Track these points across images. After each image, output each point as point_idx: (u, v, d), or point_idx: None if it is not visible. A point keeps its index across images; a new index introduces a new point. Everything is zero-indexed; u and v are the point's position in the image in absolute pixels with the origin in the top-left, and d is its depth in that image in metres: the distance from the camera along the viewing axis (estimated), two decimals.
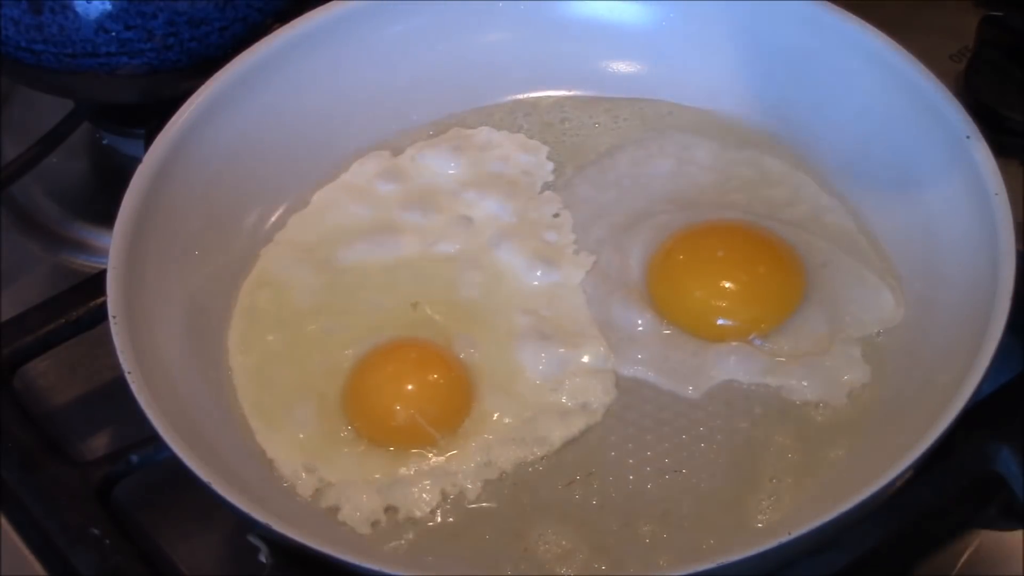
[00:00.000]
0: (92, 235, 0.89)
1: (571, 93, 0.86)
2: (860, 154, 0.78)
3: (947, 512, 0.68)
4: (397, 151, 0.84)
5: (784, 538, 0.58)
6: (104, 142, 0.95)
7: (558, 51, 0.86)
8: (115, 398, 0.66)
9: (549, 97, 0.86)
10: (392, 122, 0.85)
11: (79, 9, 0.81)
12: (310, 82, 0.82)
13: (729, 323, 0.72)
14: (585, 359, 0.73)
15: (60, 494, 0.70)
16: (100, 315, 0.70)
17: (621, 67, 0.86)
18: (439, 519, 0.67)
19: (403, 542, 0.66)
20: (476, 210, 0.80)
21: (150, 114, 0.80)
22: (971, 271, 0.68)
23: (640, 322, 0.73)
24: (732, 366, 0.71)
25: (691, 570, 0.57)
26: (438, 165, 0.82)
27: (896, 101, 0.75)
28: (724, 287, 0.73)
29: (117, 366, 0.65)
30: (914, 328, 0.71)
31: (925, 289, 0.72)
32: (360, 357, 0.72)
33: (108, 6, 0.81)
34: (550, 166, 0.83)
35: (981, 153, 0.70)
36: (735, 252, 0.74)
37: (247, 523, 0.61)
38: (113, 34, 0.82)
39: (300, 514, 0.67)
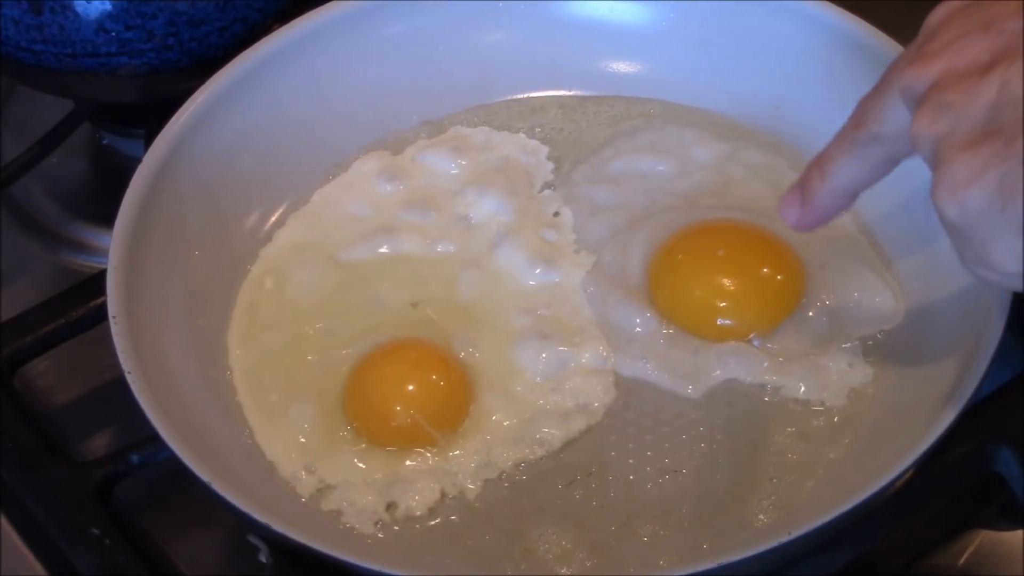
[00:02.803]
0: (92, 235, 0.89)
1: (571, 93, 0.86)
2: None
3: (947, 512, 0.68)
4: (397, 151, 0.84)
5: (784, 538, 0.58)
6: (104, 142, 0.95)
7: (558, 51, 0.86)
8: (115, 398, 0.66)
9: (549, 97, 0.86)
10: (392, 122, 0.85)
11: (79, 9, 0.81)
12: (310, 82, 0.82)
13: (729, 323, 0.72)
14: (585, 359, 0.73)
15: (60, 494, 0.70)
16: (100, 315, 0.70)
17: (621, 67, 0.86)
18: (439, 519, 0.67)
19: (403, 542, 0.66)
20: (476, 210, 0.80)
21: (150, 114, 0.80)
22: None
23: (640, 322, 0.73)
24: (732, 366, 0.71)
25: (691, 570, 0.57)
26: (438, 165, 0.82)
27: None
28: (724, 287, 0.73)
29: (117, 366, 0.65)
30: (914, 328, 0.71)
31: (925, 289, 0.72)
32: (360, 357, 0.72)
33: (108, 6, 0.81)
34: (550, 166, 0.83)
35: None
36: (735, 252, 0.74)
37: (247, 523, 0.61)
38: (113, 34, 0.82)
39: (300, 514, 0.67)
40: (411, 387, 0.71)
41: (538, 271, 0.76)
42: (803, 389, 0.70)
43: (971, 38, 0.53)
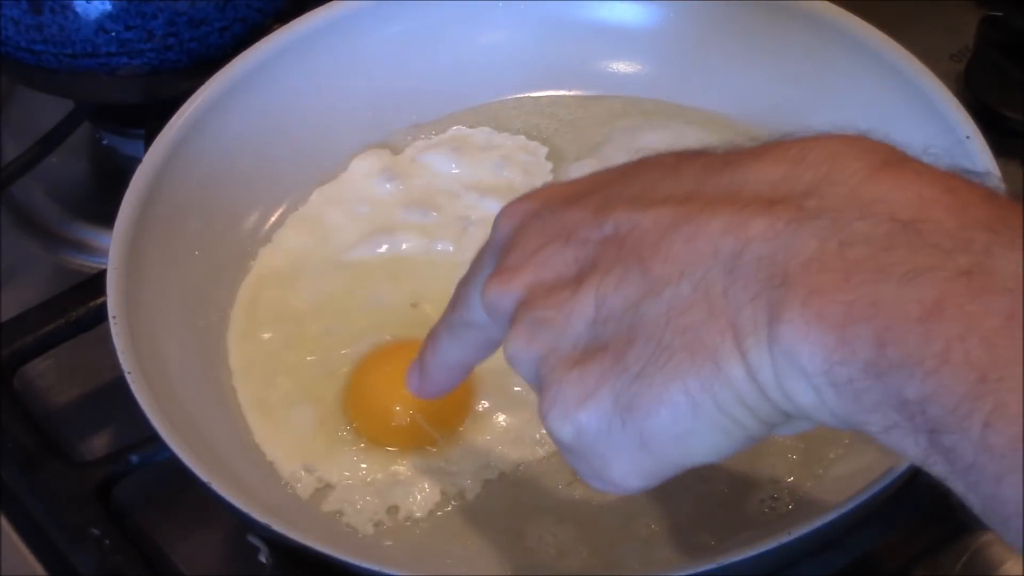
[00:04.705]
0: (92, 235, 0.89)
1: (571, 93, 0.86)
2: None
3: (947, 512, 0.68)
4: (397, 151, 0.84)
5: (784, 538, 0.58)
6: (104, 142, 0.95)
7: (558, 51, 0.86)
8: (115, 398, 0.66)
9: (549, 97, 0.86)
10: (392, 122, 0.85)
11: (79, 9, 0.81)
12: (310, 82, 0.82)
13: None
14: None
15: (60, 494, 0.70)
16: (100, 315, 0.70)
17: (621, 67, 0.86)
18: (439, 519, 0.67)
19: (403, 542, 0.66)
20: (476, 210, 0.80)
21: (150, 114, 0.81)
22: None
23: None
24: None
25: (691, 570, 0.57)
26: (438, 165, 0.82)
27: (896, 101, 0.75)
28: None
29: (117, 366, 0.65)
30: None
31: None
32: (360, 357, 0.72)
33: (108, 6, 0.81)
34: (549, 166, 0.83)
35: (981, 153, 0.70)
36: None
37: (247, 523, 0.61)
38: (113, 34, 0.82)
39: (300, 514, 0.67)
40: None
41: None
42: None
43: (552, 249, 0.50)
